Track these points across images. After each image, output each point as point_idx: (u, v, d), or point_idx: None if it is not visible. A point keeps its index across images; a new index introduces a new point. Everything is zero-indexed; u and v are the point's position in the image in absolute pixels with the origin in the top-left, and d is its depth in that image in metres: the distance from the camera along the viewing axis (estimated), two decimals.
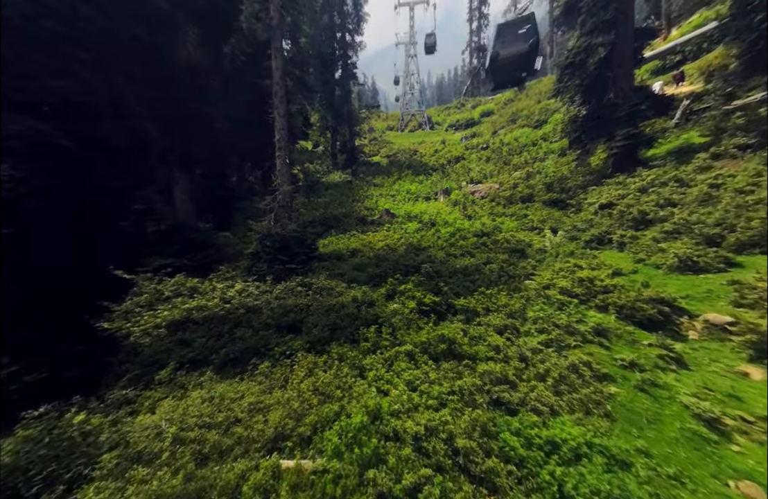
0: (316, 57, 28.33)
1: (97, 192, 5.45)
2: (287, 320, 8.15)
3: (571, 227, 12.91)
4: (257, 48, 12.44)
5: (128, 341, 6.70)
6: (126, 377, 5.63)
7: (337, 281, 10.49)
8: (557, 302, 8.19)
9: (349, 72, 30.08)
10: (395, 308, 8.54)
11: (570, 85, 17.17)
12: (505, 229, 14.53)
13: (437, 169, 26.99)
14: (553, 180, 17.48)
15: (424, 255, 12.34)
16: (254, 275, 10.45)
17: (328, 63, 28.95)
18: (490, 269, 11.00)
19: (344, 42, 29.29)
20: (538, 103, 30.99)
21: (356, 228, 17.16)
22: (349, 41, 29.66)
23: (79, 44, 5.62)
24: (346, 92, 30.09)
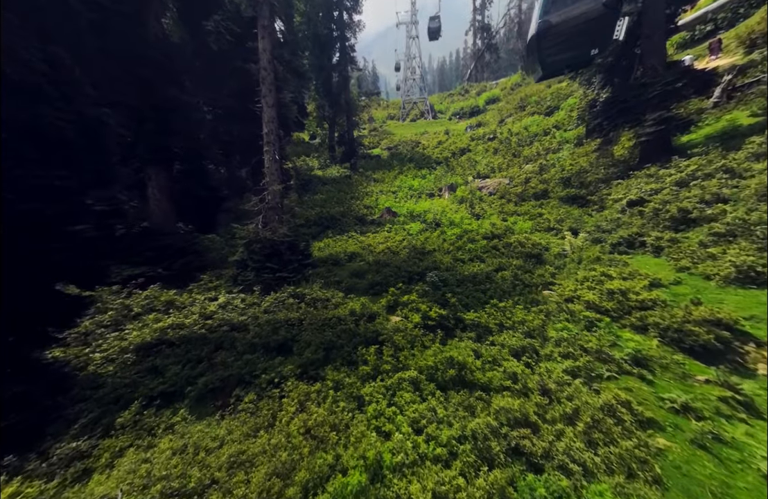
0: (312, 39, 27.27)
1: (37, 193, 4.65)
2: (276, 339, 7.53)
3: (594, 228, 11.88)
4: (245, 27, 11.58)
5: (86, 371, 5.99)
6: (80, 422, 4.93)
7: (333, 291, 9.92)
8: (584, 320, 7.43)
9: (347, 55, 28.96)
10: (397, 322, 7.98)
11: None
12: (517, 230, 13.78)
13: (441, 162, 26.42)
14: (570, 173, 16.32)
15: (428, 260, 11.78)
16: (240, 285, 9.78)
17: (325, 45, 27.74)
18: (502, 277, 10.37)
19: (342, 22, 27.98)
20: (549, 88, 29.94)
21: (355, 228, 16.65)
22: (347, 21, 28.30)
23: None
24: (344, 78, 29.08)
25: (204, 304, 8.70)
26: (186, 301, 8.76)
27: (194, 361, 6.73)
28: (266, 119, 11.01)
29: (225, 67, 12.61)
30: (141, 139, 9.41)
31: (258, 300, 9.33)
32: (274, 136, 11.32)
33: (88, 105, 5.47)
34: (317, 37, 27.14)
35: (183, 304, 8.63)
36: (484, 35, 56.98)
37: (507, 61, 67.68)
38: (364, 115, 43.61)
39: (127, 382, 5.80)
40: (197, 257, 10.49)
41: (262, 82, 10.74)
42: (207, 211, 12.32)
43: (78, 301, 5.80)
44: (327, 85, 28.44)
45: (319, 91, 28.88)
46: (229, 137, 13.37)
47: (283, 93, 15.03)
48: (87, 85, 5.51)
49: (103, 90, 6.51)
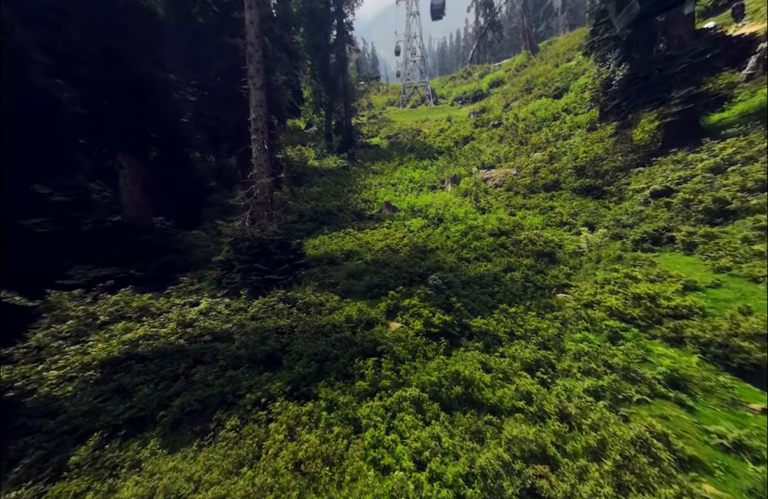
0: (307, 15, 26.05)
1: None
2: (264, 350, 6.96)
3: (613, 222, 11.13)
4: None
5: (36, 395, 5.29)
6: (23, 463, 4.28)
7: (328, 294, 9.39)
8: (607, 330, 6.81)
9: (345, 34, 27.78)
10: (397, 329, 7.50)
11: (608, 37, 14.67)
12: (527, 225, 13.13)
13: (443, 152, 25.95)
14: (584, 162, 15.47)
15: (430, 259, 11.31)
16: (225, 288, 9.15)
17: (322, 22, 26.54)
18: (512, 278, 9.84)
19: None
20: (556, 68, 28.96)
21: (352, 224, 16.19)
22: None
23: None
24: (342, 60, 27.99)
25: (183, 310, 8.07)
26: (163, 306, 8.09)
27: (169, 378, 6.12)
28: (254, 103, 10.24)
29: (212, 43, 11.69)
30: (110, 120, 8.46)
31: (245, 305, 8.74)
32: (263, 123, 10.56)
33: (36, 75, 4.70)
34: (313, 12, 25.91)
35: (159, 310, 7.96)
36: (486, 12, 55.41)
37: (509, 41, 66.18)
38: (363, 101, 42.57)
39: (87, 406, 5.17)
40: (177, 256, 9.75)
41: (249, 60, 9.93)
42: (190, 204, 11.44)
43: (25, 310, 5.12)
44: (324, 67, 27.35)
45: (315, 74, 27.79)
46: (216, 123, 12.50)
47: (275, 74, 14.24)
48: (36, 50, 4.72)
49: (59, 59, 5.69)
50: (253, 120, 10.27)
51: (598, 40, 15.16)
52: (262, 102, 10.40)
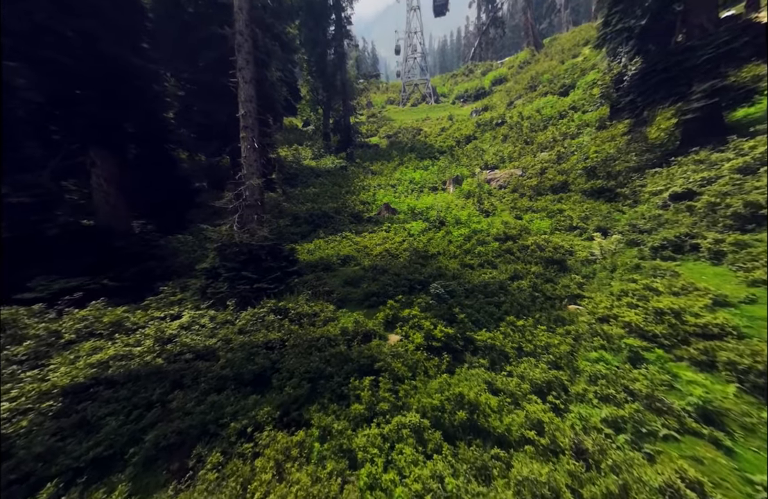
0: (304, 8, 25.40)
1: None
2: (252, 369, 6.41)
3: (629, 227, 10.47)
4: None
5: None
6: None
7: (322, 303, 8.91)
8: (626, 349, 6.25)
9: (343, 29, 27.24)
10: (396, 342, 7.11)
11: (621, 27, 13.97)
12: (534, 229, 12.58)
13: (445, 151, 25.55)
14: (595, 162, 14.83)
15: (432, 265, 10.87)
16: (210, 298, 8.59)
17: (319, 16, 25.89)
18: (519, 287, 9.34)
19: None
20: (562, 64, 28.43)
21: (349, 227, 15.78)
22: None
23: None
24: (340, 55, 27.43)
25: (162, 324, 7.48)
26: (139, 320, 7.48)
27: (143, 406, 5.51)
28: (243, 97, 9.70)
29: (200, 32, 11.10)
30: (81, 111, 7.88)
31: (231, 317, 8.19)
32: (253, 119, 10.02)
33: None
34: (310, 5, 25.27)
35: (135, 325, 7.36)
36: (488, 8, 54.96)
37: (511, 39, 65.85)
38: (362, 99, 42.13)
39: (41, 450, 4.55)
40: (158, 263, 9.07)
41: (238, 51, 9.38)
42: (173, 206, 10.68)
43: None
44: (321, 63, 26.76)
45: (312, 71, 27.20)
46: (206, 118, 11.89)
47: (268, 69, 13.68)
48: None
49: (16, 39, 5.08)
50: (242, 116, 9.73)
51: (611, 32, 14.46)
52: (252, 97, 9.86)
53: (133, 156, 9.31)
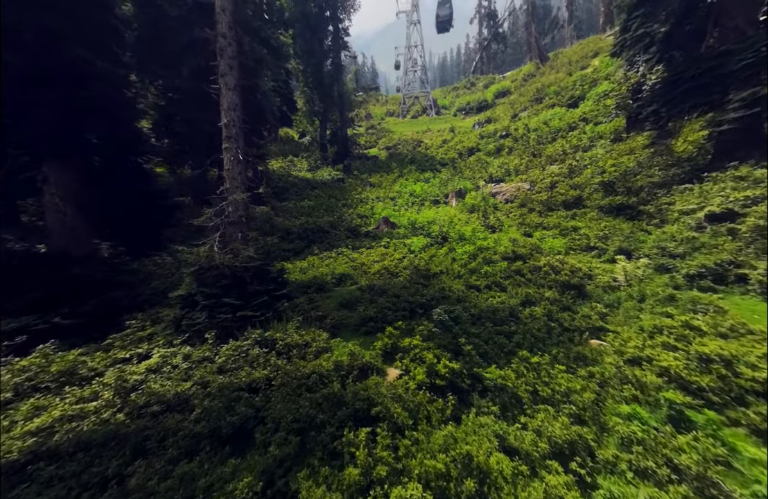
0: (300, 19, 25.18)
1: None
2: (232, 421, 5.47)
3: (657, 250, 9.52)
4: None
5: None
6: None
7: (314, 331, 8.07)
8: (666, 405, 5.21)
9: (340, 40, 27.00)
10: (396, 379, 6.42)
11: (643, 33, 13.20)
12: (547, 249, 11.71)
13: (447, 163, 25.06)
14: (612, 176, 13.97)
15: (434, 286, 10.15)
16: (185, 332, 7.63)
17: (315, 27, 25.63)
18: (531, 314, 8.54)
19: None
20: (569, 76, 28.03)
21: (346, 243, 15.04)
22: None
23: None
24: (337, 67, 27.13)
25: (127, 368, 6.45)
26: (98, 365, 6.44)
27: (94, 486, 4.33)
28: (226, 106, 8.96)
29: (181, 36, 10.43)
30: (32, 118, 6.99)
31: (210, 353, 7.25)
32: (237, 129, 9.26)
33: None
34: (306, 16, 25.04)
35: (92, 371, 6.32)
36: (490, 23, 55.51)
37: (511, 55, 66.53)
38: (361, 111, 41.98)
39: None
40: (125, 292, 8.01)
41: (220, 55, 8.68)
42: (147, 224, 9.75)
43: None
44: (317, 74, 26.41)
45: (309, 82, 26.85)
46: (188, 128, 11.15)
47: (259, 77, 13.03)
48: None
49: None
50: (225, 125, 8.97)
51: (631, 38, 13.84)
52: (237, 105, 9.12)
53: (98, 169, 8.39)
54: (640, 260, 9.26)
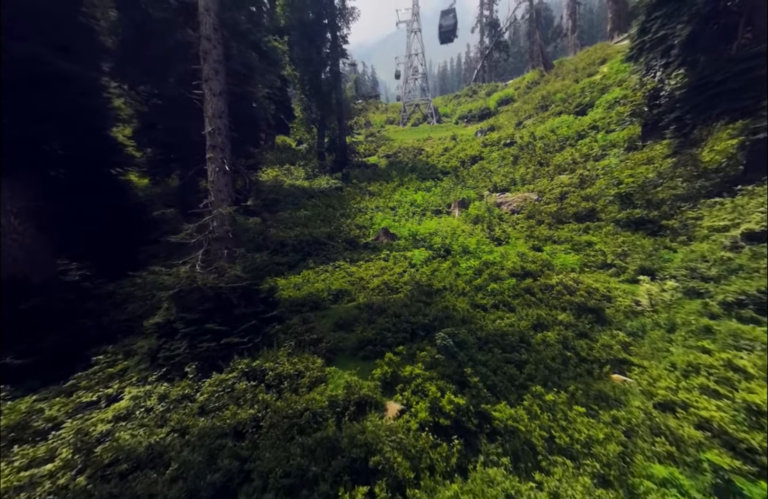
0: (297, 27, 24.86)
1: None
2: (214, 480, 4.65)
3: (686, 270, 8.62)
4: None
5: None
6: None
7: (308, 357, 7.48)
8: (711, 471, 4.40)
9: (339, 48, 26.65)
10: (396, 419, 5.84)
11: (663, 35, 12.43)
12: (559, 265, 10.98)
13: (449, 172, 24.54)
14: (630, 188, 12.97)
15: (437, 304, 9.63)
16: (162, 366, 6.88)
17: (313, 35, 25.30)
18: (544, 340, 7.87)
19: (332, 6, 25.53)
20: (576, 83, 27.50)
21: (344, 255, 14.45)
22: (338, 5, 25.88)
23: None
24: (335, 74, 26.74)
25: (92, 416, 5.62)
26: (57, 413, 5.61)
27: None
28: (210, 113, 8.36)
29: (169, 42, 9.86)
30: None
31: (191, 389, 6.53)
32: (223, 138, 8.65)
33: None
34: (303, 24, 24.73)
35: (50, 422, 5.46)
36: (492, 32, 55.51)
37: (513, 64, 66.56)
38: (361, 119, 41.64)
39: None
40: (93, 321, 7.12)
41: (204, 58, 8.09)
42: (122, 242, 9.11)
43: None
44: (315, 81, 26.01)
45: (306, 89, 26.46)
46: (172, 137, 10.53)
47: (251, 84, 12.46)
48: None
49: None
50: (210, 134, 8.35)
51: (650, 40, 13.02)
52: (222, 112, 8.52)
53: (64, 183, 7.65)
54: (667, 282, 8.44)
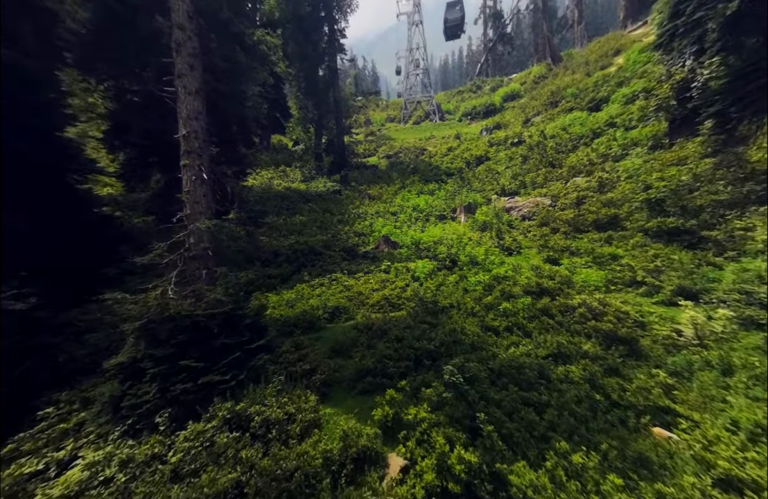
0: (292, 20, 23.85)
1: None
2: None
3: (739, 294, 7.43)
4: None
5: None
6: None
7: (300, 392, 6.58)
8: None
9: (336, 42, 25.63)
10: (399, 472, 5.16)
11: (700, 17, 11.20)
12: (579, 282, 9.95)
13: (453, 174, 23.58)
14: (662, 193, 11.53)
15: (444, 325, 8.74)
16: (127, 417, 5.88)
17: (309, 30, 24.28)
18: (567, 375, 6.93)
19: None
20: (588, 76, 26.31)
21: (341, 265, 13.63)
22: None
23: None
24: (333, 71, 25.77)
25: (35, 493, 4.64)
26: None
27: None
28: (185, 114, 7.40)
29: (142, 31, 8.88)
30: None
31: (162, 447, 5.43)
32: (201, 142, 7.70)
33: None
34: (298, 17, 23.67)
35: None
36: (496, 24, 54.36)
37: (516, 57, 65.39)
38: (361, 117, 40.71)
39: None
40: (41, 362, 6.06)
41: (177, 51, 7.14)
42: (81, 264, 7.91)
43: None
44: (311, 79, 25.03)
45: (302, 87, 25.50)
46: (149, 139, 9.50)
47: (239, 81, 11.47)
48: None
49: None
50: (184, 138, 7.39)
51: (684, 24, 11.74)
52: (199, 113, 7.56)
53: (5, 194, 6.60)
54: (718, 309, 7.24)
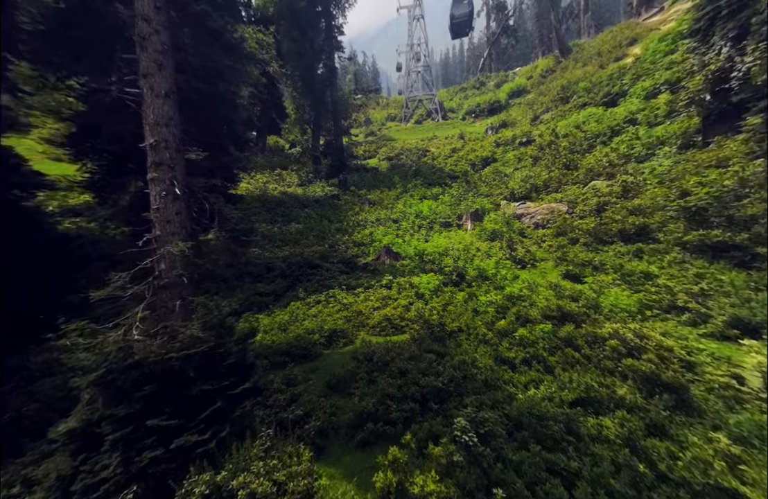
0: (286, 16, 22.97)
1: None
2: None
3: None
4: None
5: None
6: None
7: (292, 448, 5.66)
8: None
9: (333, 39, 24.64)
10: None
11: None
12: (608, 307, 8.85)
13: (458, 176, 22.61)
14: (702, 200, 10.22)
15: (453, 355, 7.99)
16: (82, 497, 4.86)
17: (305, 26, 23.34)
18: (599, 431, 5.90)
19: None
20: (602, 69, 25.06)
21: (340, 280, 12.82)
22: None
23: None
24: (330, 70, 24.77)
25: None
26: None
27: None
28: (152, 119, 6.42)
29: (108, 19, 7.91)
30: None
31: None
32: (172, 152, 6.72)
33: None
34: (294, 13, 22.69)
35: None
36: (499, 16, 53.29)
37: (519, 50, 64.34)
38: (360, 116, 39.74)
39: None
40: None
41: (141, 47, 6.17)
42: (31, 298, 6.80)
43: None
44: (308, 78, 24.02)
45: (298, 86, 24.54)
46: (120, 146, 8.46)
47: (230, 83, 10.47)
48: None
49: None
50: (151, 147, 6.40)
51: (729, 5, 10.61)
52: (170, 119, 6.57)
53: None
54: None
